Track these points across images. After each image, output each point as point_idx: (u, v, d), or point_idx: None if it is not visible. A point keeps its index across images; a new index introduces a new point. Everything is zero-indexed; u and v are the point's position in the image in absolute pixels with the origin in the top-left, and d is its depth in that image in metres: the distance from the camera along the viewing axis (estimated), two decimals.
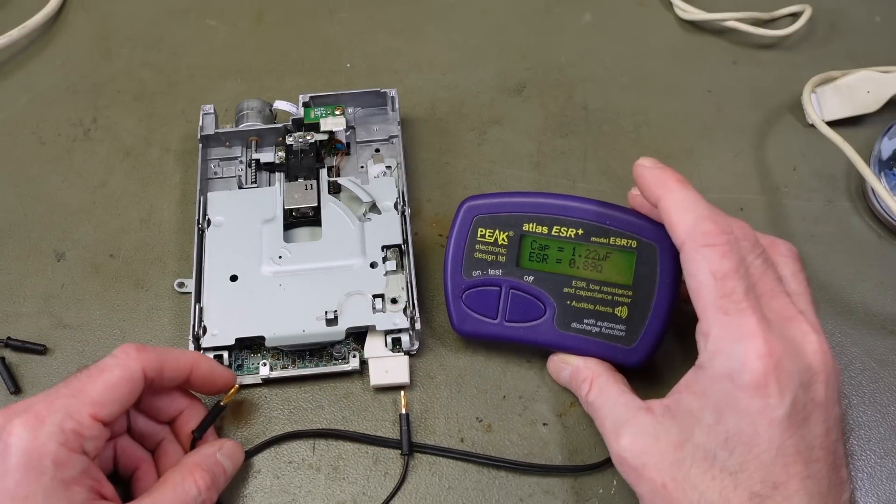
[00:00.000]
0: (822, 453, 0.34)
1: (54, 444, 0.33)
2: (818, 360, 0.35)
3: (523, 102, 0.57)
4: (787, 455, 0.33)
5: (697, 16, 0.61)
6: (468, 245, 0.44)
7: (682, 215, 0.36)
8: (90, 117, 0.57)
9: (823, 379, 0.34)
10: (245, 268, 0.47)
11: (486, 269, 0.44)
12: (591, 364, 0.42)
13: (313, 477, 0.43)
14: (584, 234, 0.43)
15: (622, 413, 0.38)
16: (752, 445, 0.33)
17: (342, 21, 0.62)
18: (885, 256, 0.50)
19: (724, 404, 0.34)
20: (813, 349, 0.35)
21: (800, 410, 0.33)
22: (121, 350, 0.37)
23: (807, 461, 0.33)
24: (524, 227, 0.43)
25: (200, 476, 0.37)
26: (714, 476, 0.34)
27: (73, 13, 0.63)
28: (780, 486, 0.33)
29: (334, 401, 0.45)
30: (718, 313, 0.34)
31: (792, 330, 0.35)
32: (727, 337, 0.34)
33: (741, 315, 0.34)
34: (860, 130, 0.55)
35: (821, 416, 0.34)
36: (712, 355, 0.35)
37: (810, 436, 0.34)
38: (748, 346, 0.33)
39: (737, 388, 0.33)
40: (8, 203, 0.53)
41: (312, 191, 0.49)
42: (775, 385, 0.33)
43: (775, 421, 0.33)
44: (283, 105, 0.53)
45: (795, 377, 0.34)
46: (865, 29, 0.61)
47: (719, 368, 0.34)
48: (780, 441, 0.33)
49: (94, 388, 0.35)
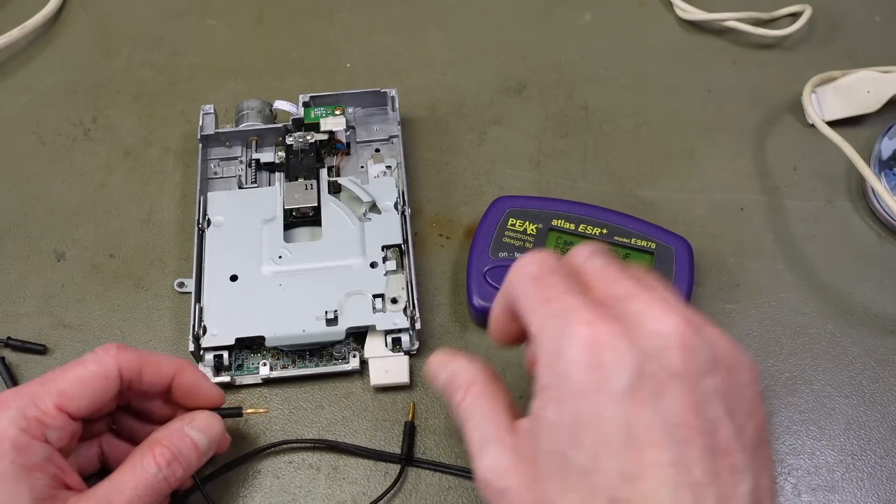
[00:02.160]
0: (690, 434, 0.28)
1: (14, 430, 0.32)
2: (667, 327, 0.29)
3: (523, 102, 0.57)
4: (638, 437, 0.28)
5: (697, 16, 0.61)
6: (498, 230, 0.47)
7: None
8: (90, 117, 0.57)
9: (678, 345, 0.29)
10: (245, 268, 0.47)
11: (512, 252, 0.46)
12: (473, 368, 0.35)
13: (313, 477, 0.43)
14: (608, 233, 0.46)
15: (489, 429, 0.33)
16: (598, 432, 0.28)
17: (342, 21, 0.62)
18: (885, 256, 0.50)
19: (562, 391, 0.29)
20: (658, 317, 0.30)
21: (647, 382, 0.28)
22: (101, 348, 0.37)
23: (666, 444, 0.28)
24: (553, 223, 0.47)
25: (160, 452, 0.36)
26: (571, 486, 0.29)
27: (73, 13, 0.63)
28: (636, 478, 0.28)
29: (334, 401, 0.45)
30: (539, 306, 0.31)
31: (632, 304, 0.30)
32: (551, 321, 0.30)
33: (562, 300, 0.31)
34: (860, 130, 0.55)
35: (682, 389, 0.28)
36: (540, 345, 0.30)
37: (668, 412, 0.28)
38: (573, 320, 0.29)
39: (569, 368, 0.29)
40: (8, 203, 0.53)
41: (312, 191, 0.49)
42: (610, 353, 0.28)
43: (616, 395, 0.28)
44: (283, 105, 0.53)
45: (636, 345, 0.29)
46: (865, 29, 0.61)
47: (549, 354, 0.30)
48: (627, 419, 0.28)
49: (64, 379, 0.35)
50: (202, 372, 0.41)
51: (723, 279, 0.49)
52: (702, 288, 0.48)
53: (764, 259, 0.50)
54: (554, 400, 0.30)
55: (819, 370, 0.46)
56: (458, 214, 0.52)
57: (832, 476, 0.43)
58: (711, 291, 0.49)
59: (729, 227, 0.51)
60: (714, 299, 0.48)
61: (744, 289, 0.49)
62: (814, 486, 0.43)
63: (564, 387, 0.29)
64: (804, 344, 0.47)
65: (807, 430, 0.44)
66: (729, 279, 0.49)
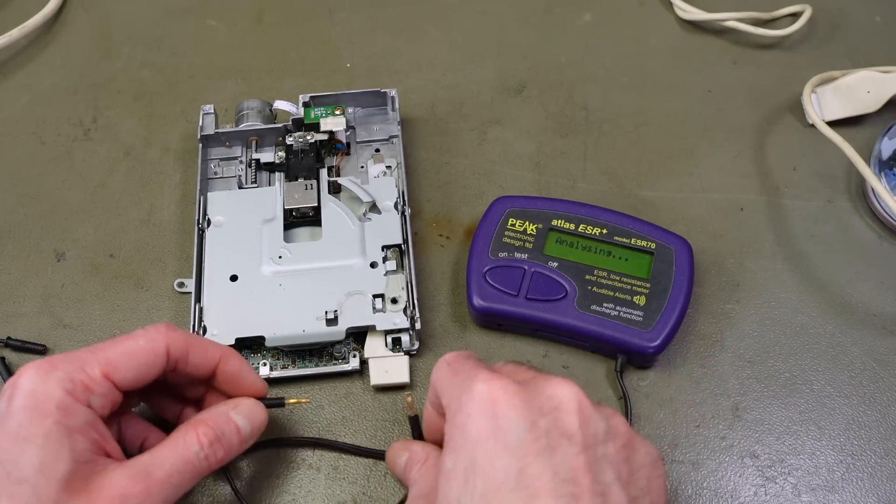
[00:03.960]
0: (579, 490, 0.30)
1: (60, 391, 0.33)
2: (565, 393, 0.32)
3: (523, 102, 0.57)
4: (529, 486, 0.29)
5: (697, 16, 0.61)
6: (498, 230, 0.47)
7: None
8: (90, 117, 0.57)
9: (574, 410, 0.31)
10: (245, 268, 0.47)
11: (512, 252, 0.46)
12: (427, 448, 0.38)
13: (313, 477, 0.43)
14: (608, 233, 0.46)
15: (426, 487, 0.36)
16: (490, 478, 0.30)
17: (342, 21, 0.62)
18: (885, 256, 0.50)
19: (459, 442, 0.32)
20: (558, 384, 0.32)
21: (541, 435, 0.30)
22: (152, 325, 0.37)
23: (556, 495, 0.29)
24: (553, 222, 0.47)
25: (203, 431, 0.36)
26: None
27: (73, 13, 0.63)
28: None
29: (334, 401, 0.45)
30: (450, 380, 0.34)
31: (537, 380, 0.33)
32: (457, 388, 0.33)
33: (469, 371, 0.33)
34: (860, 130, 0.55)
35: (574, 449, 0.30)
36: (447, 410, 0.33)
37: (559, 467, 0.30)
38: (475, 380, 0.32)
39: (466, 420, 0.31)
40: (8, 203, 0.53)
41: (312, 191, 0.49)
42: (507, 406, 0.31)
43: (510, 444, 0.30)
44: (283, 105, 0.53)
45: (533, 402, 0.31)
46: (865, 29, 0.61)
47: (452, 413, 0.32)
48: (519, 467, 0.30)
49: (113, 349, 0.35)
50: (247, 361, 0.41)
51: (723, 279, 0.49)
52: (702, 288, 0.48)
53: (764, 259, 0.50)
54: (452, 450, 0.32)
55: (819, 370, 0.46)
56: (458, 214, 0.52)
57: (832, 476, 0.43)
58: (711, 291, 0.49)
59: (729, 227, 0.51)
60: (714, 299, 0.48)
61: (744, 289, 0.49)
62: (814, 486, 0.43)
63: (461, 437, 0.31)
64: (804, 344, 0.47)
65: (807, 430, 0.44)
66: (729, 279, 0.49)
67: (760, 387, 0.45)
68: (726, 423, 0.44)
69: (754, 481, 0.43)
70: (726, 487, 0.42)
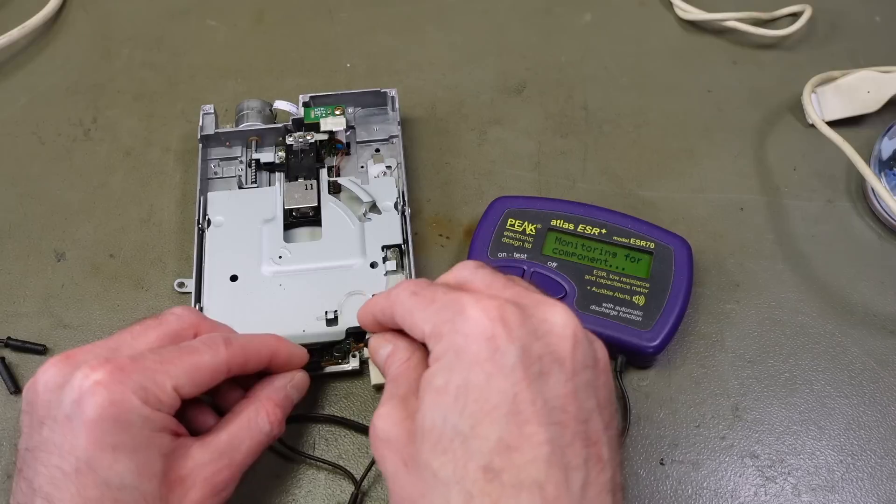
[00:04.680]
0: (566, 418, 0.30)
1: (137, 400, 0.33)
2: (559, 318, 0.32)
3: (523, 102, 0.57)
4: (521, 412, 0.30)
5: (697, 16, 0.61)
6: (497, 231, 0.47)
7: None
8: (90, 117, 0.57)
9: (567, 335, 0.32)
10: (245, 268, 0.47)
11: (511, 253, 0.46)
12: (412, 347, 0.36)
13: (313, 477, 0.43)
14: (607, 233, 0.46)
15: (400, 389, 0.34)
16: (483, 400, 0.30)
17: (342, 21, 0.62)
18: (885, 256, 0.50)
19: (453, 361, 0.31)
20: (550, 308, 0.32)
21: (534, 361, 0.31)
22: (211, 338, 0.37)
23: (546, 423, 0.30)
24: (552, 222, 0.47)
25: (273, 412, 0.38)
26: (445, 448, 0.30)
27: (73, 13, 0.63)
28: (514, 450, 0.29)
29: (334, 401, 0.45)
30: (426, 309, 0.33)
31: (524, 299, 0.33)
32: (443, 313, 0.32)
33: (449, 296, 0.32)
34: (860, 130, 0.55)
35: (564, 376, 0.31)
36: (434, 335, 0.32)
37: (549, 394, 0.30)
38: (466, 304, 0.31)
39: (462, 340, 0.31)
40: (8, 203, 0.53)
41: (312, 191, 0.49)
42: (502, 328, 0.30)
43: (506, 368, 0.30)
44: (283, 105, 0.53)
45: (527, 325, 0.31)
46: (865, 29, 0.61)
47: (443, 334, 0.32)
48: (513, 392, 0.30)
49: (181, 364, 0.35)
50: (290, 342, 0.41)
51: (723, 279, 0.49)
52: (702, 288, 0.48)
53: (764, 259, 0.50)
54: (444, 368, 0.31)
55: (819, 370, 0.46)
56: (458, 214, 0.52)
57: (832, 476, 0.43)
58: (711, 291, 0.49)
59: (729, 227, 0.51)
60: (714, 299, 0.48)
61: (744, 289, 0.49)
62: (814, 486, 0.43)
63: (456, 358, 0.31)
64: (804, 344, 0.47)
65: (807, 430, 0.44)
66: (729, 279, 0.49)
67: (760, 387, 0.45)
68: (726, 423, 0.44)
69: (754, 481, 0.43)
70: (726, 487, 0.42)
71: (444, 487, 0.30)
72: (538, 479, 0.29)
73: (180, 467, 0.35)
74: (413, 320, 0.34)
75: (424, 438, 0.31)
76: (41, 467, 0.33)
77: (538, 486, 0.29)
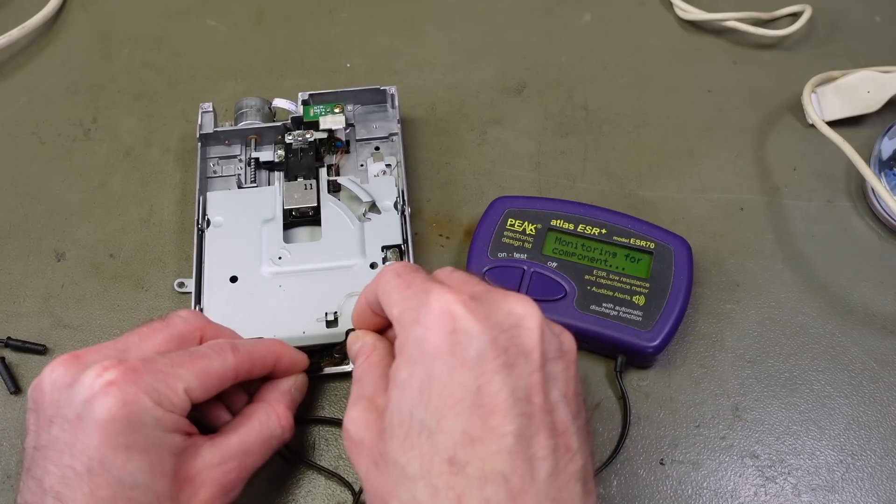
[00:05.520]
0: (532, 409, 0.30)
1: (150, 402, 0.33)
2: (523, 310, 0.32)
3: (523, 102, 0.57)
4: (485, 404, 0.30)
5: (697, 16, 0.61)
6: (497, 230, 0.47)
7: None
8: (90, 117, 0.57)
9: (533, 326, 0.32)
10: (245, 268, 0.47)
11: (511, 253, 0.46)
12: (377, 341, 0.38)
13: (313, 477, 0.43)
14: (607, 233, 0.46)
15: (367, 389, 0.35)
16: (447, 394, 0.30)
17: (342, 21, 0.62)
18: (885, 256, 0.50)
19: (415, 354, 0.31)
20: (515, 301, 0.32)
21: (500, 353, 0.30)
22: (217, 346, 0.37)
23: (511, 414, 0.30)
24: (552, 222, 0.47)
25: (284, 415, 0.39)
26: (413, 443, 0.30)
27: (73, 13, 0.63)
28: (478, 442, 0.29)
29: (334, 401, 0.45)
30: (401, 292, 0.33)
31: (491, 294, 0.33)
32: (411, 301, 0.32)
33: (422, 285, 0.33)
34: (860, 130, 0.55)
35: (529, 367, 0.31)
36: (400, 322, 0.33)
37: (514, 385, 0.30)
38: (432, 295, 0.32)
39: (425, 332, 0.31)
40: (8, 203, 0.53)
41: (312, 190, 0.49)
42: (467, 321, 0.30)
43: (468, 361, 0.30)
44: (282, 103, 0.53)
45: (492, 318, 0.31)
46: (865, 29, 0.61)
47: (407, 325, 0.32)
48: (476, 385, 0.30)
49: (191, 368, 0.36)
50: (291, 347, 0.42)
51: (723, 279, 0.49)
52: (702, 288, 0.48)
53: (764, 259, 0.50)
54: (407, 362, 0.32)
55: (819, 370, 0.46)
56: (458, 214, 0.52)
57: (832, 476, 0.43)
58: (711, 291, 0.48)
59: (729, 227, 0.51)
60: (714, 299, 0.48)
61: (744, 289, 0.49)
62: (814, 486, 0.43)
63: (418, 350, 0.31)
64: (804, 344, 0.47)
65: (807, 430, 0.44)
66: (729, 279, 0.49)
67: (760, 387, 0.45)
68: (726, 423, 0.44)
69: (754, 481, 0.43)
70: (726, 487, 0.42)
71: (411, 483, 0.30)
72: (503, 470, 0.29)
73: (191, 467, 0.35)
74: (389, 300, 0.34)
75: (393, 434, 0.31)
76: (51, 466, 0.33)
77: (503, 478, 0.29)
